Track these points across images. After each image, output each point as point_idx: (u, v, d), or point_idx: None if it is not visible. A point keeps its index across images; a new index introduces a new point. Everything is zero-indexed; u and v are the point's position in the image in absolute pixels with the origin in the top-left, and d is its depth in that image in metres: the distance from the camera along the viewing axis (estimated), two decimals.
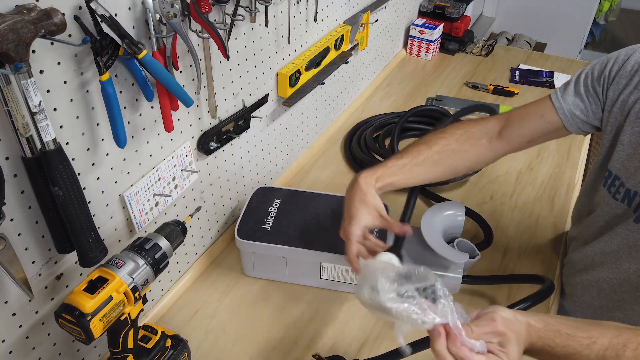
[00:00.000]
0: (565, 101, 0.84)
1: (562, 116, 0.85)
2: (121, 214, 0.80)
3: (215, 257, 1.08)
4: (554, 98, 0.86)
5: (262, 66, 1.03)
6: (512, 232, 1.15)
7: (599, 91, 0.82)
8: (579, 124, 0.85)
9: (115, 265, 0.68)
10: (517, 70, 1.79)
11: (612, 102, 0.81)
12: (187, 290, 1.01)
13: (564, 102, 0.85)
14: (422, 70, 1.80)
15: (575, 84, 0.85)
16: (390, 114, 1.50)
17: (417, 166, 0.87)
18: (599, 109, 0.83)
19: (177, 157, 0.88)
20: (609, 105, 0.81)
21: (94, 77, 0.67)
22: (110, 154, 0.74)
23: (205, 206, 1.02)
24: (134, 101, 0.75)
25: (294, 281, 1.02)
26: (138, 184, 0.81)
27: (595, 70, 0.83)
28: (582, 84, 0.84)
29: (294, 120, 1.25)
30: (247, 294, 1.00)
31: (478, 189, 1.28)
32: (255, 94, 1.04)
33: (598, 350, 0.62)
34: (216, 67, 0.90)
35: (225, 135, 0.97)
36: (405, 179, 0.86)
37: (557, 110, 0.85)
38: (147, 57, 0.66)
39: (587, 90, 0.83)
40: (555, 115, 0.85)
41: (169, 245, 0.75)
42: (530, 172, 1.34)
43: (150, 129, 0.80)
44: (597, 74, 0.82)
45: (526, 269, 1.06)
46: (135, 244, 0.73)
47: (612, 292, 0.88)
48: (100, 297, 0.65)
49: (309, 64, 1.15)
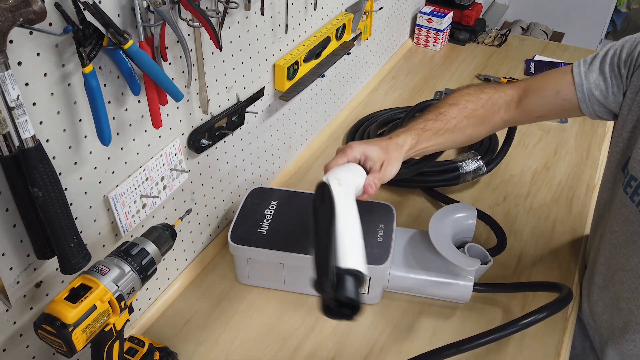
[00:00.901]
0: (587, 78, 0.83)
1: (579, 94, 0.83)
2: (105, 217, 0.80)
3: (207, 264, 1.08)
4: (575, 72, 0.84)
5: (257, 57, 1.03)
6: (527, 236, 1.15)
7: (624, 74, 0.80)
8: (595, 107, 0.83)
9: (99, 272, 0.68)
10: (533, 62, 1.79)
11: (637, 89, 0.78)
12: (177, 299, 1.01)
13: (585, 79, 0.83)
14: (430, 62, 1.80)
15: (601, 61, 0.82)
16: (396, 109, 1.50)
17: (448, 132, 0.89)
18: (620, 94, 0.81)
19: (166, 156, 0.88)
20: (632, 92, 0.79)
21: (76, 69, 0.67)
22: (93, 152, 0.74)
23: (196, 208, 1.02)
24: (119, 95, 0.75)
25: (292, 289, 1.02)
26: (124, 184, 0.81)
27: (625, 50, 0.80)
28: (608, 62, 0.81)
29: (292, 115, 1.26)
30: (241, 303, 1.00)
31: (490, 189, 1.28)
32: (250, 88, 1.04)
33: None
34: (208, 59, 0.90)
35: (217, 132, 0.97)
36: (436, 145, 0.89)
37: (576, 87, 0.83)
38: (134, 48, 0.66)
39: (612, 70, 0.81)
40: (572, 93, 0.84)
41: (157, 251, 0.75)
42: (547, 171, 1.34)
43: (136, 125, 0.80)
44: (625, 55, 0.80)
45: (542, 276, 1.06)
46: (120, 249, 0.73)
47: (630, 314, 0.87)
48: (83, 306, 0.65)
49: (308, 55, 1.15)
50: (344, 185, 0.75)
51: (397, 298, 1.01)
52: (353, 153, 0.83)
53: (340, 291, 0.63)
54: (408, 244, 1.01)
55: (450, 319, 0.98)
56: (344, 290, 0.63)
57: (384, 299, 1.01)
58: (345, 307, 0.65)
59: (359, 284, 0.65)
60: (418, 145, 0.87)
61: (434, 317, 0.98)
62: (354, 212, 0.73)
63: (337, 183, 0.74)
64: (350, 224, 0.70)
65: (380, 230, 0.98)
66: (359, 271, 0.65)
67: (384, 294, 1.01)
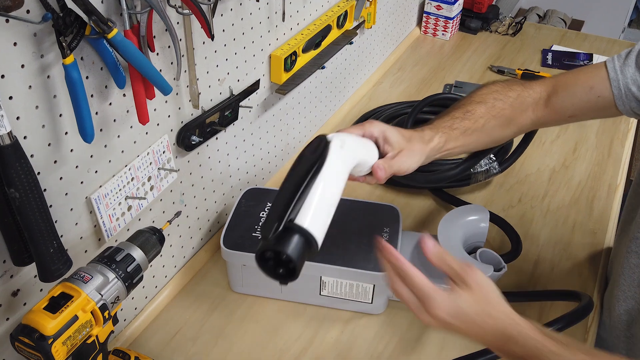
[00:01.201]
0: (623, 73, 0.82)
1: (615, 90, 0.82)
2: (88, 220, 0.80)
3: (197, 270, 1.08)
4: (610, 67, 0.84)
5: (252, 47, 1.03)
6: (544, 240, 1.15)
7: None
8: (632, 104, 0.82)
9: (81, 279, 0.68)
10: (550, 52, 1.79)
11: None
12: (165, 308, 1.01)
13: (621, 73, 0.82)
14: (438, 52, 1.80)
15: (637, 55, 0.82)
16: (402, 104, 1.50)
17: (476, 132, 0.88)
18: None
19: (154, 154, 0.88)
20: None
21: (56, 60, 0.67)
22: (75, 149, 0.74)
23: (186, 211, 1.02)
24: (102, 88, 0.75)
25: (290, 298, 1.02)
26: (108, 184, 0.81)
27: None
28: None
29: (290, 110, 1.25)
30: (235, 313, 1.00)
31: (504, 190, 1.28)
32: (244, 80, 1.04)
33: None
34: (199, 49, 0.90)
35: (209, 128, 0.97)
36: (462, 146, 0.88)
37: (611, 83, 0.83)
38: (118, 37, 0.66)
39: None
40: (607, 89, 0.83)
41: (144, 257, 0.75)
42: (566, 170, 1.34)
43: (121, 120, 0.80)
44: None
45: (560, 284, 1.06)
46: (104, 255, 0.72)
47: None
48: (63, 316, 0.65)
49: (307, 45, 1.15)
50: (346, 150, 0.72)
51: (403, 308, 1.01)
52: (372, 129, 0.80)
53: (282, 245, 0.61)
54: (415, 249, 1.01)
55: None
56: (285, 245, 0.61)
57: (389, 308, 1.01)
58: (282, 267, 0.63)
59: (305, 249, 0.63)
60: (446, 145, 0.85)
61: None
62: (340, 182, 0.70)
63: (339, 144, 0.71)
64: (329, 190, 0.67)
65: (385, 234, 0.98)
66: (313, 236, 0.63)
67: (388, 303, 1.01)
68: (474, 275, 0.65)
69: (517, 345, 0.63)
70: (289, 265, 0.63)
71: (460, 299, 0.64)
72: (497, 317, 0.64)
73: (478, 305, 0.64)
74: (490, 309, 0.64)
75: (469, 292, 0.64)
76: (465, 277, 0.65)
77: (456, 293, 0.65)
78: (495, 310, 0.64)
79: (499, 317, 0.64)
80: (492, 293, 0.65)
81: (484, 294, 0.65)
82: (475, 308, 0.64)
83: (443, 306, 0.64)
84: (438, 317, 0.64)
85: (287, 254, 0.61)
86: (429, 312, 0.65)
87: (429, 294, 0.65)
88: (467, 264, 0.66)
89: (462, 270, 0.65)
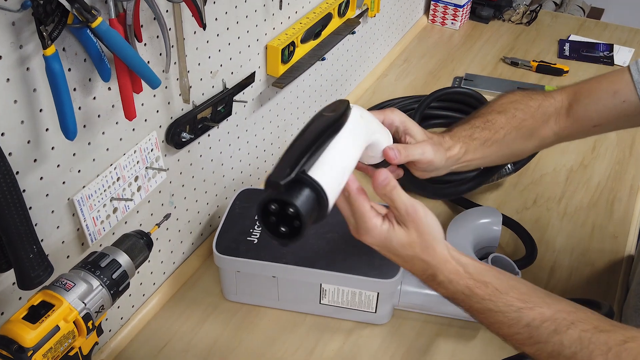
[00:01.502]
0: None
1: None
2: (70, 223, 0.80)
3: (188, 277, 1.08)
4: (634, 70, 0.84)
5: (247, 37, 1.03)
6: (561, 245, 1.15)
7: None
8: None
9: (63, 287, 0.68)
10: (567, 43, 1.79)
11: None
12: (154, 318, 1.01)
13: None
14: (447, 43, 1.80)
15: None
16: (408, 98, 1.50)
17: (496, 143, 0.88)
18: None
19: (141, 152, 0.88)
20: None
21: (36, 51, 0.67)
22: (56, 147, 0.74)
23: (175, 213, 1.02)
24: (86, 81, 0.75)
25: (288, 307, 1.02)
26: (91, 185, 0.81)
27: None
28: None
29: (288, 105, 1.25)
30: (228, 323, 1.00)
31: (518, 191, 1.28)
32: (238, 73, 1.04)
33: (532, 318, 0.65)
34: (189, 39, 0.90)
35: (201, 124, 0.97)
36: (481, 158, 0.88)
37: (635, 86, 0.83)
38: (103, 26, 0.66)
39: None
40: (632, 93, 0.83)
41: (131, 262, 0.75)
42: (584, 170, 1.34)
43: (106, 116, 0.80)
44: None
45: (578, 292, 1.06)
46: (88, 261, 0.72)
47: None
48: (44, 327, 0.65)
49: (306, 35, 1.15)
50: (366, 120, 0.72)
51: (409, 317, 1.01)
52: (392, 116, 0.81)
53: (292, 196, 0.59)
54: None
55: (472, 342, 0.98)
56: (295, 197, 0.59)
57: (395, 318, 1.01)
58: (284, 223, 0.61)
59: (315, 207, 0.61)
60: (465, 157, 0.86)
61: (453, 339, 0.98)
62: (357, 150, 0.69)
63: (359, 114, 0.71)
64: (347, 153, 0.67)
65: None
66: (325, 194, 0.61)
67: (394, 313, 1.01)
68: (418, 221, 0.68)
69: (444, 289, 0.70)
70: (294, 223, 0.61)
71: (394, 235, 0.68)
72: (428, 262, 0.69)
73: (411, 248, 0.68)
74: (423, 253, 0.69)
75: (405, 233, 0.68)
76: (407, 222, 0.68)
77: (392, 228, 0.68)
78: (427, 254, 0.69)
79: (430, 262, 0.69)
80: (430, 237, 0.68)
81: (422, 240, 0.68)
82: (407, 250, 0.69)
83: (375, 235, 0.68)
84: (367, 243, 0.70)
85: (296, 206, 0.59)
86: (360, 236, 0.69)
87: (364, 219, 0.68)
88: (413, 208, 0.68)
89: (406, 213, 0.68)
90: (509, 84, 1.60)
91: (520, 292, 0.67)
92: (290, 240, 0.62)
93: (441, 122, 1.44)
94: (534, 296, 0.67)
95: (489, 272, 0.69)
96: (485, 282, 0.68)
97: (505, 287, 0.68)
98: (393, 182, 0.68)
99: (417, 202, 0.68)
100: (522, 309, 0.66)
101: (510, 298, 0.67)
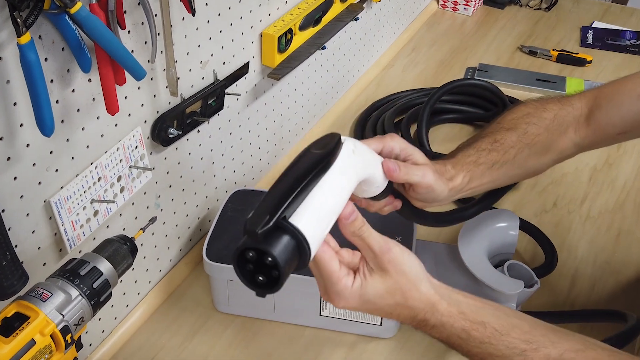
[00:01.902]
0: None
1: None
2: (47, 227, 0.80)
3: (176, 287, 1.08)
4: None
5: (240, 24, 1.03)
6: (584, 252, 1.15)
7: None
8: None
9: (39, 297, 0.68)
10: (591, 30, 1.79)
11: None
12: (138, 331, 1.01)
13: None
14: (459, 30, 1.80)
15: None
16: (417, 91, 1.50)
17: (506, 165, 0.87)
18: None
19: (124, 149, 0.88)
20: None
21: (9, 39, 0.67)
22: (32, 144, 0.74)
23: (162, 216, 1.02)
24: (64, 72, 0.75)
25: (285, 319, 1.02)
26: (70, 185, 0.81)
27: None
28: None
29: (285, 98, 1.26)
30: (220, 337, 1.00)
31: (536, 193, 1.28)
32: (231, 63, 1.04)
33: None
34: (177, 26, 0.90)
35: (190, 119, 0.97)
36: (489, 183, 0.88)
37: None
38: (83, 12, 0.66)
39: None
40: None
41: (113, 270, 0.75)
42: (609, 169, 1.34)
43: (86, 110, 0.80)
44: None
45: (603, 303, 1.06)
46: (66, 269, 0.72)
47: None
48: (18, 341, 0.65)
49: (304, 22, 1.15)
50: (358, 157, 0.72)
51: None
52: (392, 143, 0.80)
53: (270, 244, 0.60)
54: (432, 261, 1.01)
55: None
56: (273, 246, 0.60)
57: (401, 331, 1.01)
58: (263, 273, 0.62)
59: (295, 256, 0.61)
60: (470, 184, 0.85)
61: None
62: (346, 191, 0.69)
63: (352, 148, 0.71)
64: (334, 196, 0.67)
65: None
66: (307, 243, 0.61)
67: (400, 326, 1.01)
68: (394, 260, 0.67)
69: (438, 333, 0.69)
70: (271, 273, 0.62)
71: (369, 287, 0.67)
72: (414, 307, 0.68)
73: (391, 296, 0.67)
74: (406, 299, 0.67)
75: (380, 280, 0.67)
76: (382, 262, 0.67)
77: (365, 280, 0.67)
78: (411, 299, 0.67)
79: (416, 307, 0.68)
80: (411, 277, 0.67)
81: (403, 282, 0.67)
82: (387, 299, 0.67)
83: (347, 296, 0.67)
84: (340, 307, 0.68)
85: (274, 256, 0.60)
86: (331, 299, 0.68)
87: (332, 280, 0.66)
88: (387, 245, 0.67)
89: (381, 252, 0.66)
90: (526, 75, 1.60)
91: (522, 330, 0.67)
92: (268, 291, 0.63)
93: (453, 117, 1.44)
94: (537, 334, 0.66)
95: (485, 310, 0.68)
96: (482, 322, 0.67)
97: (505, 326, 0.67)
98: (360, 218, 0.67)
99: (391, 240, 0.67)
100: (526, 351, 0.65)
101: (512, 339, 0.66)
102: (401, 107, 1.43)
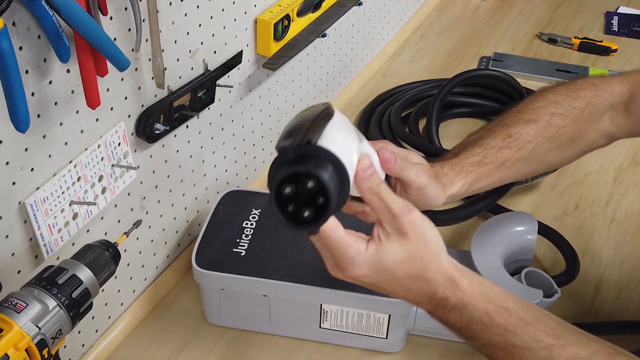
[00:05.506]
0: None
1: None
2: (22, 232, 0.80)
3: (163, 296, 1.08)
4: None
5: (232, 9, 1.03)
6: (609, 258, 1.15)
7: None
8: None
9: (13, 308, 0.68)
10: (616, 16, 1.79)
11: None
12: (121, 345, 1.01)
13: None
14: (472, 16, 1.80)
15: None
16: (426, 82, 1.50)
17: (520, 162, 0.86)
18: None
19: (106, 147, 0.88)
20: None
21: None
22: (5, 141, 0.74)
23: (147, 219, 1.02)
24: (41, 62, 0.75)
25: (281, 332, 1.02)
26: (47, 186, 0.81)
27: None
28: None
29: (281, 90, 1.26)
30: (211, 352, 1.00)
31: (557, 193, 1.28)
32: (223, 52, 1.05)
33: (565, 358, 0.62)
34: (164, 12, 0.90)
35: (178, 113, 0.97)
36: (498, 181, 0.87)
37: None
38: None
39: None
40: None
41: (94, 278, 0.75)
42: (636, 167, 1.34)
43: (65, 103, 0.80)
44: None
45: (630, 313, 1.06)
46: (42, 277, 0.72)
47: None
48: None
49: (303, 7, 1.15)
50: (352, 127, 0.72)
51: (427, 344, 1.01)
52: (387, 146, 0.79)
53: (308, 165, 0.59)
54: None
55: None
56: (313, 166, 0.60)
57: (409, 345, 1.01)
58: (306, 206, 0.61)
59: (336, 178, 0.61)
60: (473, 186, 0.85)
61: None
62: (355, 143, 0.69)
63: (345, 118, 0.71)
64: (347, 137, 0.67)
65: None
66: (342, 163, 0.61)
67: (408, 339, 1.01)
68: (414, 223, 0.65)
69: (457, 316, 0.66)
70: (317, 200, 0.60)
71: (386, 253, 0.64)
72: (434, 281, 0.65)
73: (411, 263, 0.65)
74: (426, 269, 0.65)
75: (400, 245, 0.64)
76: (402, 225, 0.64)
77: (382, 245, 0.65)
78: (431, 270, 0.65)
79: (437, 281, 0.65)
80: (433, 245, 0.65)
81: (424, 250, 0.65)
82: (407, 268, 0.65)
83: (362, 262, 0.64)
84: (353, 278, 0.66)
85: (318, 175, 0.59)
86: (343, 271, 0.66)
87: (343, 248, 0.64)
88: (407, 206, 0.65)
89: (400, 213, 0.64)
90: (545, 65, 1.60)
91: (547, 325, 0.65)
92: (318, 223, 0.62)
93: (465, 110, 1.44)
94: (565, 332, 0.65)
95: (509, 296, 0.66)
96: (507, 308, 0.65)
97: (530, 317, 0.65)
98: (378, 174, 0.66)
99: (410, 203, 0.66)
100: (553, 346, 0.63)
101: (538, 331, 0.64)
102: (409, 100, 1.43)
